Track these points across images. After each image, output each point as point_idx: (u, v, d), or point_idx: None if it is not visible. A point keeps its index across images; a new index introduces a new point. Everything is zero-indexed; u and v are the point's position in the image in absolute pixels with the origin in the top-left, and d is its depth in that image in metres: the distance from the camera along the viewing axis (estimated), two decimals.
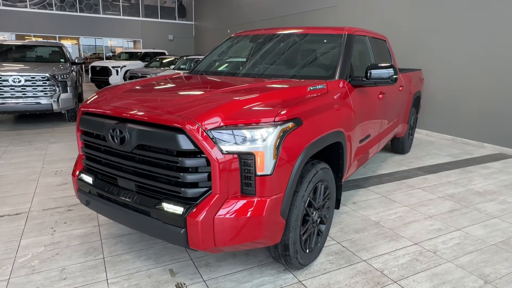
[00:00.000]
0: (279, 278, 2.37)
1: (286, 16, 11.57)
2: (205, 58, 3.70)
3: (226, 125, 1.91)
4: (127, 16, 18.64)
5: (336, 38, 3.19)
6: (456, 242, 2.91)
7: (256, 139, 1.90)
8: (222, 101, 2.07)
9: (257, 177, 1.90)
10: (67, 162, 4.85)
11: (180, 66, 11.61)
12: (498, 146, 5.96)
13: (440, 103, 6.85)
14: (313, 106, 2.27)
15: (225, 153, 1.87)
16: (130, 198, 2.14)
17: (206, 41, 18.59)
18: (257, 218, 1.93)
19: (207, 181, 1.92)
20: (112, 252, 2.64)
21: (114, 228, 3.02)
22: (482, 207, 3.63)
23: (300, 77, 2.89)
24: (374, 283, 2.33)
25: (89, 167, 2.47)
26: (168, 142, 1.90)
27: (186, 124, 1.86)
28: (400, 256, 2.68)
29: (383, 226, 3.15)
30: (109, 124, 2.13)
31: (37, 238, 2.83)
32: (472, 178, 4.54)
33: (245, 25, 14.32)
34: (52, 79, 6.83)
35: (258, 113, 1.99)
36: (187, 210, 1.92)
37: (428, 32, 6.92)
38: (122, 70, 13.55)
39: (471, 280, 2.40)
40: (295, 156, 2.05)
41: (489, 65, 5.98)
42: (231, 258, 2.59)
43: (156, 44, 18.52)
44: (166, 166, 2.00)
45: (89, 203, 2.42)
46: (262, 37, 3.56)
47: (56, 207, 3.42)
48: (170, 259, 2.56)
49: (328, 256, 2.66)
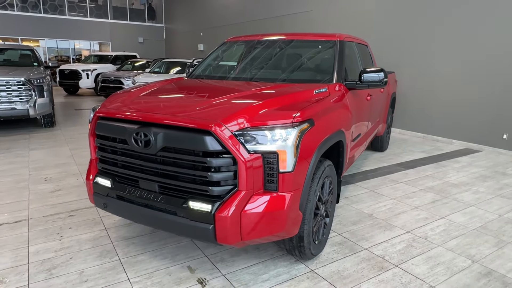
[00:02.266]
0: (293, 268, 2.54)
1: (261, 20, 11.81)
2: (203, 63, 3.81)
3: (250, 126, 2.07)
4: (94, 18, 18.12)
5: (330, 44, 3.43)
6: (443, 228, 3.23)
7: (278, 139, 2.06)
8: (243, 104, 2.22)
9: (280, 174, 2.07)
10: (54, 168, 4.76)
11: (155, 69, 11.53)
12: (465, 142, 6.50)
13: (411, 103, 7.33)
14: (321, 108, 2.47)
15: (251, 153, 2.02)
16: (154, 199, 2.23)
17: (178, 44, 18.46)
18: (280, 212, 2.09)
19: (233, 179, 2.06)
20: (127, 254, 2.70)
21: (122, 230, 3.06)
22: (459, 197, 4.00)
23: (301, 81, 3.08)
24: (378, 268, 2.57)
25: (105, 170, 2.52)
26: (196, 143, 2.02)
27: (214, 127, 2.00)
28: (396, 243, 2.94)
29: (376, 218, 3.41)
30: (131, 128, 2.21)
31: (45, 244, 2.82)
32: (446, 171, 4.95)
33: (218, 28, 14.42)
34: (28, 84, 6.61)
35: (277, 115, 2.16)
36: (216, 207, 2.05)
37: (398, 36, 7.40)
38: (93, 74, 13.19)
39: (461, 261, 2.70)
40: (310, 154, 2.24)
41: (456, 67, 6.51)
42: (243, 253, 2.73)
43: (125, 47, 18.15)
44: (193, 167, 2.12)
45: (106, 206, 2.47)
46: (258, 43, 3.73)
47: (56, 213, 3.40)
48: (186, 257, 2.66)
49: (333, 246, 2.87)
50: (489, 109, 6.11)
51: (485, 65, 6.08)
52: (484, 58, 6.08)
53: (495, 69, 5.96)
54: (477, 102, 6.26)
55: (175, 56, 17.39)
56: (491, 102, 6.07)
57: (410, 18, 7.16)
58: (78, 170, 4.70)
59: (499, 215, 3.54)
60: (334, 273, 2.50)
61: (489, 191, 4.20)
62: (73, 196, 3.82)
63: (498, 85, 5.95)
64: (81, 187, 4.09)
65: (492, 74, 6.00)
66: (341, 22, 8.75)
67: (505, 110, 5.90)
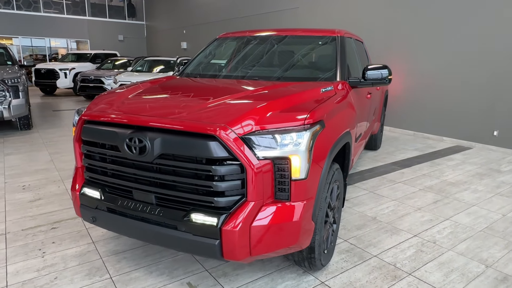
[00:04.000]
0: (302, 281, 2.36)
1: (246, 18, 11.58)
2: (194, 60, 3.57)
3: (258, 130, 1.87)
4: (71, 15, 17.40)
5: (330, 40, 3.26)
6: (449, 231, 3.12)
7: (290, 144, 1.87)
8: (249, 105, 2.02)
9: (292, 182, 1.88)
10: (33, 175, 4.41)
11: (137, 68, 11.15)
12: (455, 139, 6.49)
13: (401, 101, 7.29)
14: (330, 108, 2.29)
15: (260, 159, 1.82)
16: (151, 212, 2.00)
17: (159, 42, 18.00)
18: (294, 224, 1.90)
19: (241, 188, 1.86)
20: (118, 271, 2.45)
21: (112, 244, 2.80)
22: (460, 197, 3.92)
23: (304, 79, 2.90)
24: (391, 277, 2.42)
25: (94, 180, 2.26)
26: (199, 149, 1.81)
27: (219, 131, 1.78)
28: (405, 248, 2.81)
29: (381, 221, 3.28)
30: (123, 133, 1.97)
31: (25, 262, 2.54)
32: (442, 170, 4.89)
33: (202, 26, 14.11)
34: (2, 84, 6.17)
35: (287, 116, 1.97)
36: (222, 220, 1.84)
37: (386, 33, 7.33)
38: (71, 73, 12.64)
39: (474, 266, 2.58)
40: (323, 158, 2.06)
41: (446, 65, 6.49)
42: (247, 266, 2.53)
43: (105, 45, 17.53)
44: (195, 175, 1.90)
45: (96, 219, 2.22)
46: (253, 39, 3.52)
47: (36, 226, 3.10)
48: (184, 272, 2.44)
49: (341, 254, 2.70)
50: (479, 106, 6.11)
51: (475, 63, 6.08)
52: (473, 56, 6.08)
53: (485, 67, 5.96)
54: (467, 99, 6.26)
55: (157, 54, 16.93)
56: (481, 100, 6.07)
57: (399, 15, 7.10)
58: (60, 176, 4.37)
59: (502, 215, 3.46)
60: (346, 284, 2.33)
61: (488, 190, 4.15)
62: (55, 205, 3.52)
63: (488, 82, 5.95)
64: (63, 195, 3.78)
65: (482, 71, 6.00)
66: (328, 19, 8.63)
67: (495, 107, 5.91)
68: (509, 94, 5.71)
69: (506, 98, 5.76)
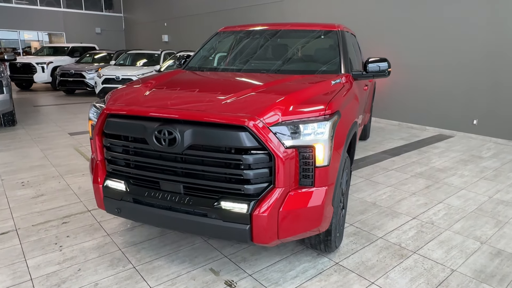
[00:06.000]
0: (317, 262, 2.51)
1: (230, 10, 11.56)
2: (198, 54, 3.62)
3: (284, 120, 1.98)
4: (45, 7, 16.74)
5: (332, 34, 3.39)
6: (444, 213, 3.36)
7: (312, 133, 1.99)
8: (272, 98, 2.12)
9: (316, 169, 2.01)
10: (29, 171, 4.35)
11: (120, 62, 10.95)
12: (438, 128, 6.84)
13: (386, 93, 7.57)
14: (343, 99, 2.43)
15: (287, 148, 1.94)
16: (180, 201, 2.08)
17: (139, 35, 17.64)
18: (317, 208, 2.04)
19: (269, 176, 1.97)
20: (140, 260, 2.51)
21: (127, 235, 2.86)
22: (449, 181, 4.19)
23: (312, 72, 3.01)
24: (399, 256, 2.61)
25: (117, 172, 2.31)
26: (230, 140, 1.90)
27: (249, 122, 1.88)
28: (407, 230, 3.01)
29: (381, 206, 3.48)
30: (151, 126, 2.03)
31: (44, 256, 2.56)
32: (429, 157, 5.17)
33: (183, 19, 13.95)
34: None
35: (308, 108, 2.08)
36: (252, 206, 1.95)
37: (369, 27, 7.56)
38: (49, 67, 12.25)
39: (471, 243, 2.82)
40: (341, 146, 2.20)
41: (429, 57, 6.79)
42: (263, 251, 2.65)
43: (82, 38, 16.99)
44: (224, 165, 1.99)
45: (120, 211, 2.27)
46: (256, 33, 3.60)
47: (46, 221, 3.10)
48: (205, 259, 2.53)
49: (349, 237, 2.87)
50: (460, 97, 6.45)
51: (454, 56, 6.40)
52: (453, 49, 6.39)
53: (464, 58, 6.28)
54: (448, 90, 6.59)
55: (137, 47, 16.60)
56: (461, 90, 6.41)
57: (381, 9, 7.33)
58: (57, 172, 4.33)
59: (489, 197, 3.75)
60: (359, 264, 2.50)
61: (473, 174, 4.44)
62: (60, 201, 3.51)
63: (467, 74, 6.29)
64: (66, 190, 3.77)
65: (462, 64, 6.33)
66: (313, 13, 8.78)
67: (474, 97, 6.26)
68: (487, 85, 6.07)
69: (484, 89, 6.12)
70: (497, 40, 5.85)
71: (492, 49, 5.93)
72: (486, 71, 6.06)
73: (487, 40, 5.97)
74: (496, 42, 5.86)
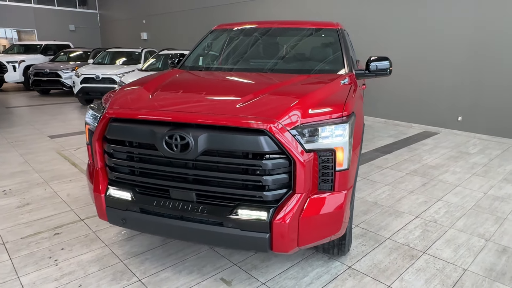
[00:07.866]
0: (330, 267, 2.45)
1: (211, 8, 11.36)
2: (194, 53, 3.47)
3: (303, 123, 1.89)
4: (14, 2, 15.89)
5: (332, 32, 3.33)
6: (445, 210, 3.38)
7: (331, 135, 1.92)
8: (287, 100, 2.02)
9: (336, 173, 1.93)
10: (10, 178, 4.07)
11: (99, 60, 10.53)
12: (423, 125, 6.96)
13: (372, 90, 7.64)
14: (355, 100, 2.37)
15: (307, 151, 1.86)
16: (193, 209, 1.96)
17: (116, 32, 17.08)
18: (338, 213, 1.97)
19: (288, 181, 1.88)
20: (145, 272, 2.37)
21: (127, 246, 2.70)
22: (443, 178, 4.25)
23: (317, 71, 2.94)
24: (409, 257, 2.59)
25: (121, 180, 2.15)
26: (248, 145, 1.80)
27: (269, 125, 1.79)
28: (412, 229, 3.01)
29: (382, 205, 3.46)
30: (161, 130, 1.90)
31: (39, 272, 2.36)
32: (420, 154, 5.24)
33: (163, 16, 13.61)
34: None
35: (324, 109, 2.01)
36: (271, 213, 1.85)
37: (354, 23, 7.60)
38: (21, 66, 11.66)
39: (476, 241, 2.84)
40: (357, 148, 2.14)
41: (414, 55, 6.89)
42: (274, 257, 2.56)
43: (55, 35, 16.25)
44: (242, 171, 1.89)
45: (126, 221, 2.12)
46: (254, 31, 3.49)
47: (36, 233, 2.88)
48: (214, 268, 2.42)
49: (357, 239, 2.83)
50: (444, 94, 6.59)
51: (439, 53, 6.52)
52: (438, 46, 6.51)
53: (449, 56, 6.42)
54: (433, 87, 6.71)
55: (114, 45, 16.07)
56: (446, 87, 6.55)
57: (367, 6, 7.38)
58: (42, 178, 4.07)
59: (484, 193, 3.81)
60: (372, 267, 2.46)
61: (464, 171, 4.53)
62: (48, 210, 3.29)
63: (452, 71, 6.42)
64: (53, 198, 3.54)
65: (445, 60, 6.46)
66: (298, 10, 8.74)
67: (459, 94, 6.41)
68: (471, 82, 6.22)
69: (468, 87, 6.27)
70: (481, 40, 6.00)
71: (476, 49, 6.08)
72: (470, 69, 6.21)
73: (472, 40, 6.11)
74: (480, 42, 6.01)
